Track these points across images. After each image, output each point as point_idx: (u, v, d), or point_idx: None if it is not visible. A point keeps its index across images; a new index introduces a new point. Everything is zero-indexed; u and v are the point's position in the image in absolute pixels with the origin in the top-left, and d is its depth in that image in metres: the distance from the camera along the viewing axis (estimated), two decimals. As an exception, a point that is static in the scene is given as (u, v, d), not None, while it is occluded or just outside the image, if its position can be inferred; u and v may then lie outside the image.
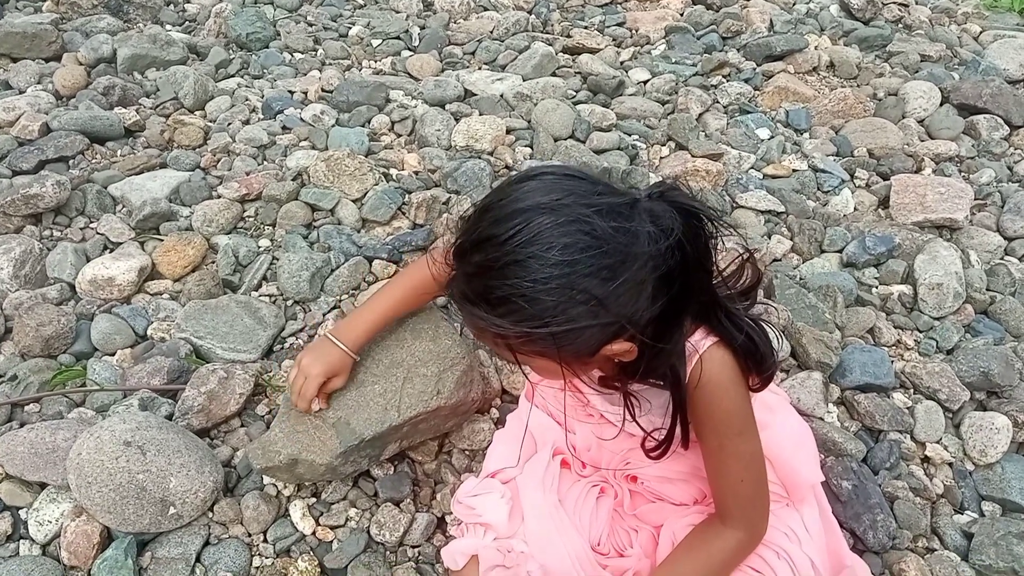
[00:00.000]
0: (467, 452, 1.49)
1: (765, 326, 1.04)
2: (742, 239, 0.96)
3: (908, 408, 1.59)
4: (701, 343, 0.98)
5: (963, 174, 2.29)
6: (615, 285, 0.81)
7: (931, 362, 1.67)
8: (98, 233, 1.91)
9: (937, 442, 1.55)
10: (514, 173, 0.84)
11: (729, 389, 0.99)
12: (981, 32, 3.15)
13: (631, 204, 0.85)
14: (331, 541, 1.35)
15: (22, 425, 1.46)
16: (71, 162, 2.12)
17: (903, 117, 2.51)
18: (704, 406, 1.00)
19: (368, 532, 1.35)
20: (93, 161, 2.15)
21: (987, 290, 1.88)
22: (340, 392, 1.31)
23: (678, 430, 1.03)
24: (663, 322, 0.88)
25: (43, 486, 1.36)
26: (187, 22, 2.96)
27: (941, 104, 2.55)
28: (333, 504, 1.39)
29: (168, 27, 2.88)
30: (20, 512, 1.35)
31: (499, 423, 1.51)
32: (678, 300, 0.88)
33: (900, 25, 3.12)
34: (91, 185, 2.01)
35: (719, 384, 0.98)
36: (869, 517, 1.37)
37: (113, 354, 1.64)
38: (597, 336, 0.85)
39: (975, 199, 2.15)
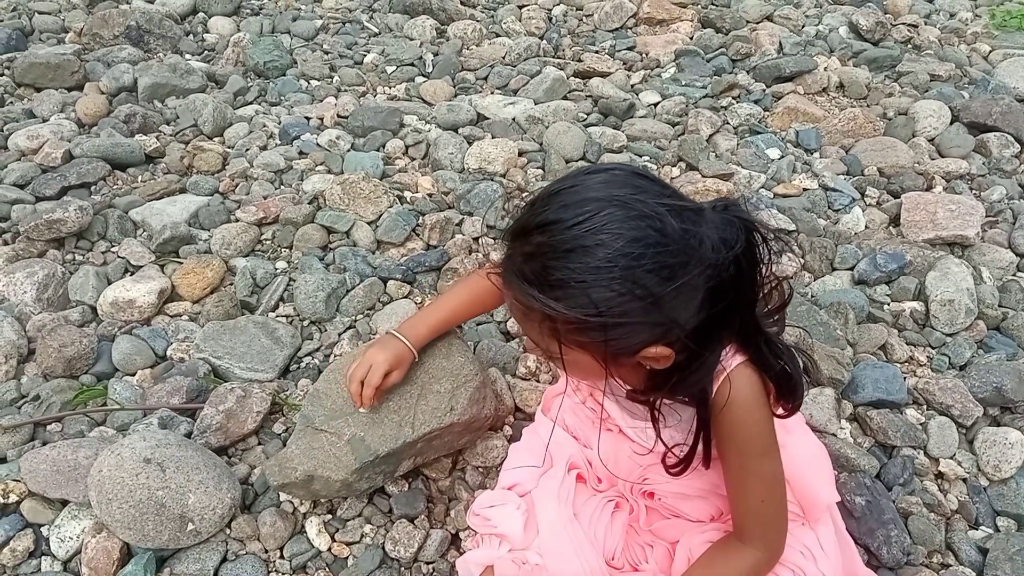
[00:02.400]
0: (481, 469, 1.50)
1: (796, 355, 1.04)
2: (788, 260, 0.96)
3: (921, 424, 1.59)
4: (729, 361, 0.98)
5: (974, 191, 2.30)
6: (673, 286, 0.81)
7: (944, 378, 1.67)
8: (119, 257, 1.94)
9: (951, 458, 1.55)
10: (584, 164, 0.83)
11: (754, 410, 0.99)
12: (990, 51, 3.16)
13: (698, 211, 0.85)
14: (346, 557, 1.37)
15: (44, 444, 1.49)
16: (93, 188, 2.17)
17: (913, 136, 2.52)
18: (728, 425, 1.00)
19: (383, 548, 1.37)
20: (114, 187, 2.20)
21: (999, 306, 1.88)
22: (354, 412, 1.33)
23: (700, 447, 1.03)
24: (705, 334, 0.89)
25: (65, 503, 1.39)
26: (206, 51, 3.02)
27: (951, 123, 2.56)
28: (348, 520, 1.40)
29: (187, 56, 2.95)
30: (42, 529, 1.37)
31: (512, 439, 1.52)
32: (723, 314, 0.88)
33: (909, 45, 3.14)
34: (112, 210, 2.06)
35: (744, 404, 0.98)
36: (883, 533, 1.37)
37: (133, 374, 1.67)
38: (644, 335, 0.85)
39: (986, 216, 2.15)
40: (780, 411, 1.03)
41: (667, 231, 0.81)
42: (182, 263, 1.90)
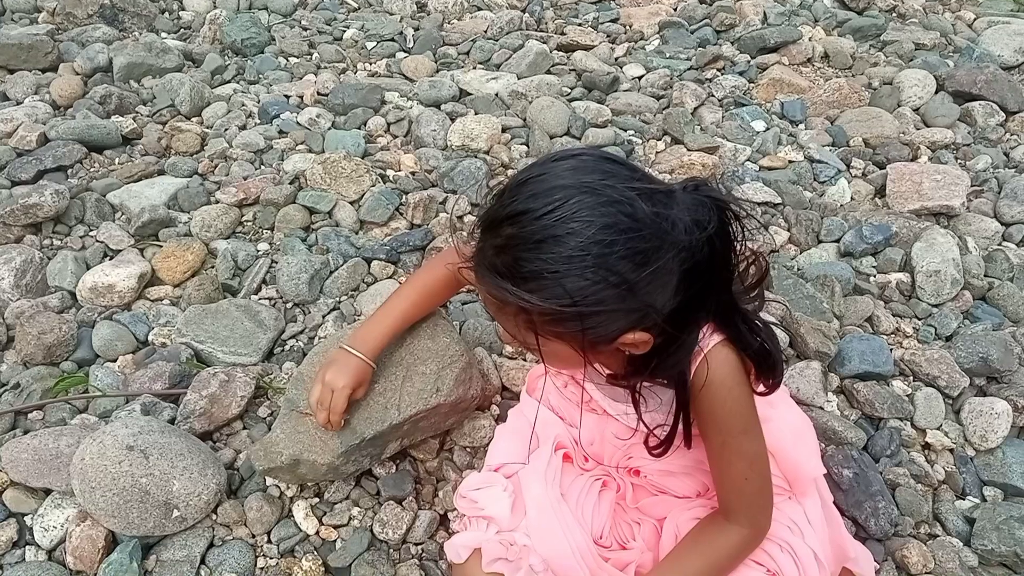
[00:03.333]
0: (468, 449, 1.49)
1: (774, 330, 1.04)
2: (760, 236, 0.96)
3: (908, 395, 1.59)
4: (706, 341, 0.97)
5: (959, 161, 2.30)
6: (648, 271, 0.80)
7: (930, 349, 1.67)
8: (98, 241, 1.91)
9: (938, 428, 1.56)
10: (556, 151, 0.81)
11: (733, 388, 0.99)
12: (975, 19, 3.16)
13: (668, 193, 0.84)
14: (335, 540, 1.36)
15: (26, 432, 1.47)
16: (69, 171, 2.13)
17: (898, 106, 2.52)
18: (708, 405, 0.99)
19: (371, 531, 1.36)
20: (91, 170, 2.16)
21: (985, 276, 1.88)
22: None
23: (680, 428, 1.03)
24: (682, 317, 0.88)
25: (48, 492, 1.37)
26: (182, 29, 2.97)
27: (936, 92, 2.56)
28: (336, 504, 1.40)
29: (163, 35, 2.89)
30: (25, 518, 1.36)
31: (500, 420, 1.52)
32: (699, 296, 0.87)
33: (894, 14, 3.13)
34: (90, 194, 2.02)
35: (723, 383, 0.98)
36: (871, 505, 1.37)
37: (115, 360, 1.65)
38: (621, 322, 0.84)
39: (972, 186, 2.15)
40: (761, 388, 1.03)
41: (638, 216, 0.80)
42: (162, 246, 1.88)
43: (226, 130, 2.32)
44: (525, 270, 0.81)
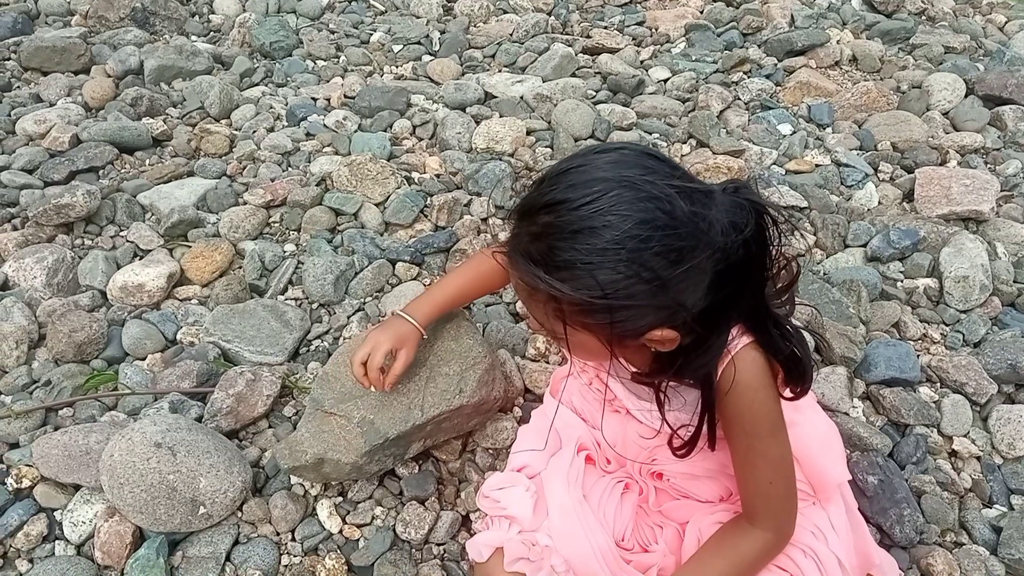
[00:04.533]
0: (491, 451, 1.50)
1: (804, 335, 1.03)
2: (795, 228, 0.95)
3: (935, 402, 1.58)
4: (734, 343, 0.97)
5: (989, 165, 2.27)
6: (681, 269, 0.80)
7: (958, 355, 1.65)
8: (128, 241, 1.94)
9: (964, 436, 1.54)
10: (593, 143, 0.81)
11: (760, 391, 0.98)
12: (1006, 22, 3.11)
13: (708, 193, 0.84)
14: (357, 539, 1.37)
15: (56, 429, 1.50)
16: (101, 172, 2.17)
17: (927, 109, 2.49)
18: (734, 408, 0.98)
19: (394, 530, 1.37)
20: (122, 171, 2.20)
21: (1014, 282, 1.86)
22: (363, 395, 1.33)
23: (705, 429, 1.03)
24: (711, 317, 0.87)
25: (77, 488, 1.40)
26: (212, 32, 3.01)
27: (966, 96, 2.53)
28: (359, 503, 1.41)
29: (193, 38, 2.93)
30: (55, 514, 1.38)
31: (522, 421, 1.52)
32: (731, 298, 0.87)
33: (923, 17, 3.09)
34: (121, 194, 2.06)
35: (750, 386, 0.97)
36: (896, 512, 1.36)
37: (144, 358, 1.68)
38: (650, 318, 0.84)
39: (1001, 191, 2.12)
40: (788, 393, 1.02)
41: (676, 213, 0.79)
42: (191, 247, 1.90)
43: (254, 132, 2.35)
44: (559, 259, 0.81)
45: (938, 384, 1.62)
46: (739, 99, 2.56)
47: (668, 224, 0.79)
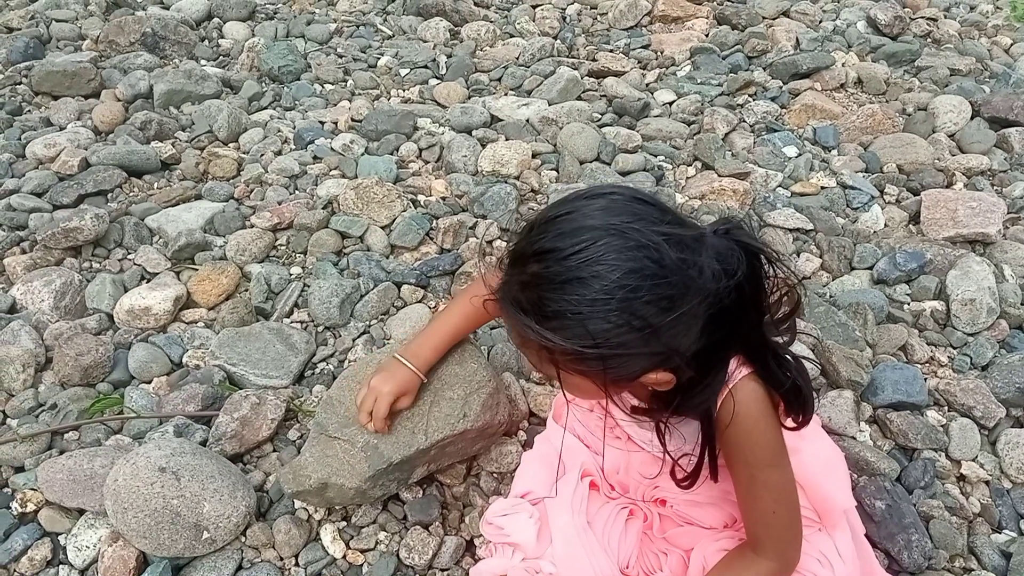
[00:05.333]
0: (495, 475, 1.49)
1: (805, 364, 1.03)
2: (792, 272, 0.95)
3: (942, 426, 1.57)
4: (733, 374, 0.97)
5: (995, 188, 2.26)
6: (672, 316, 0.80)
7: (965, 379, 1.65)
8: (135, 264, 1.96)
9: (973, 460, 1.53)
10: (581, 188, 0.81)
11: (760, 421, 0.98)
12: (1012, 44, 3.12)
13: (698, 238, 0.84)
14: (361, 564, 1.36)
15: (61, 453, 1.50)
16: (109, 195, 2.19)
17: (933, 132, 2.49)
18: (734, 439, 0.98)
19: (398, 555, 1.36)
20: (131, 194, 2.21)
21: (1022, 305, 1.85)
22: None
23: (707, 459, 1.03)
24: (707, 358, 0.88)
25: (82, 512, 1.40)
26: (221, 57, 3.03)
27: (972, 118, 2.53)
28: (363, 527, 1.40)
29: (203, 62, 2.96)
30: (60, 538, 1.38)
31: (527, 445, 1.52)
32: (727, 338, 0.88)
33: (929, 39, 3.10)
34: (129, 217, 2.07)
35: (749, 416, 0.97)
36: (904, 537, 1.34)
37: (149, 382, 1.68)
38: (643, 363, 0.84)
39: (1008, 213, 2.11)
40: (790, 423, 1.02)
41: (664, 262, 0.79)
42: (197, 270, 1.91)
43: (262, 155, 2.36)
44: (548, 309, 0.81)
45: (946, 408, 1.61)
46: (744, 121, 2.56)
47: (657, 273, 0.79)
